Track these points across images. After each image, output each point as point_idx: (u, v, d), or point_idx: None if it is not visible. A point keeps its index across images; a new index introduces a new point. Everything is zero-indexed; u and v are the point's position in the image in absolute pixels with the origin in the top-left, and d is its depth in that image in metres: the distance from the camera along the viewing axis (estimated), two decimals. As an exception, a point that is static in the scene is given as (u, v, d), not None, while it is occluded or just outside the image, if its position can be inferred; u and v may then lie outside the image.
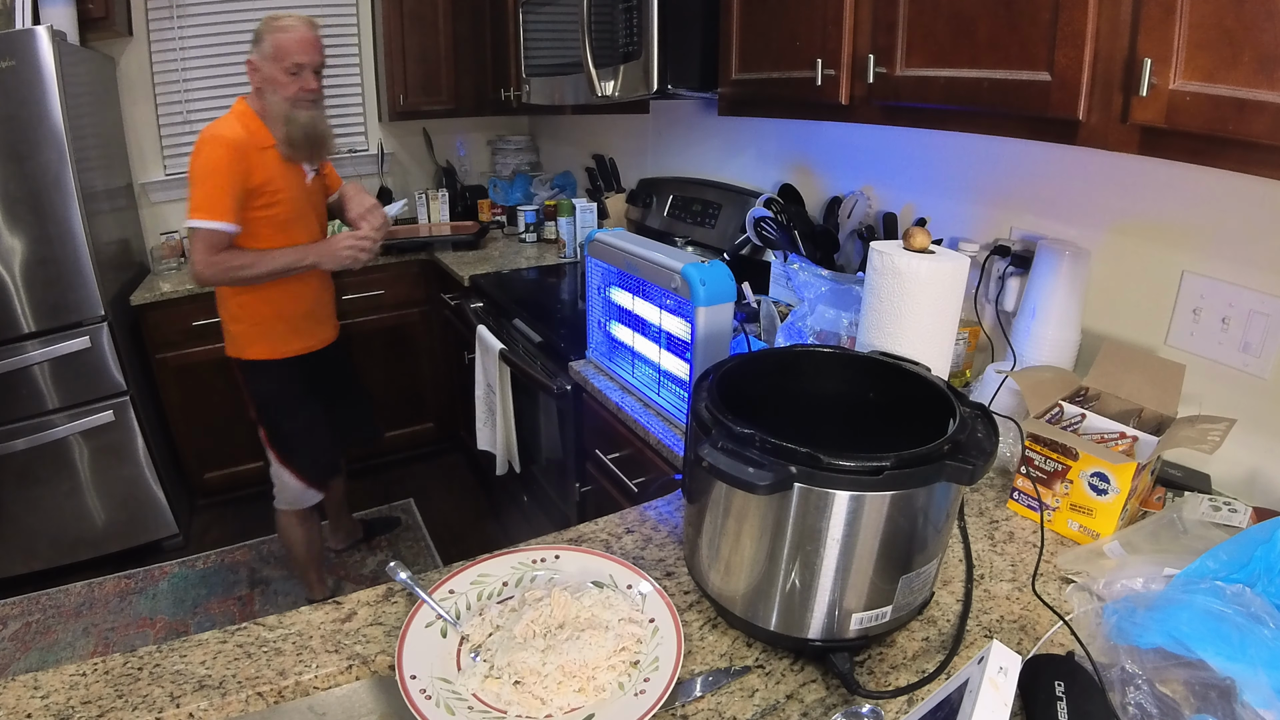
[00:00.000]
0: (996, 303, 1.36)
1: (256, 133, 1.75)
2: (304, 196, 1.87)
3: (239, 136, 1.70)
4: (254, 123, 1.75)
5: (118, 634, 2.22)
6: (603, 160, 2.77)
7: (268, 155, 1.76)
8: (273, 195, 1.77)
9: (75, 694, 0.70)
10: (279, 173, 1.78)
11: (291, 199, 1.82)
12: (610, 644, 0.71)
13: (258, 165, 1.73)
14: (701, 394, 0.77)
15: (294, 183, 1.83)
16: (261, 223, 1.79)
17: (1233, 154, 0.76)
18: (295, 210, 1.84)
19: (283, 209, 1.81)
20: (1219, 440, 0.87)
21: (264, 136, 1.75)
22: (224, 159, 1.68)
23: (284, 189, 1.79)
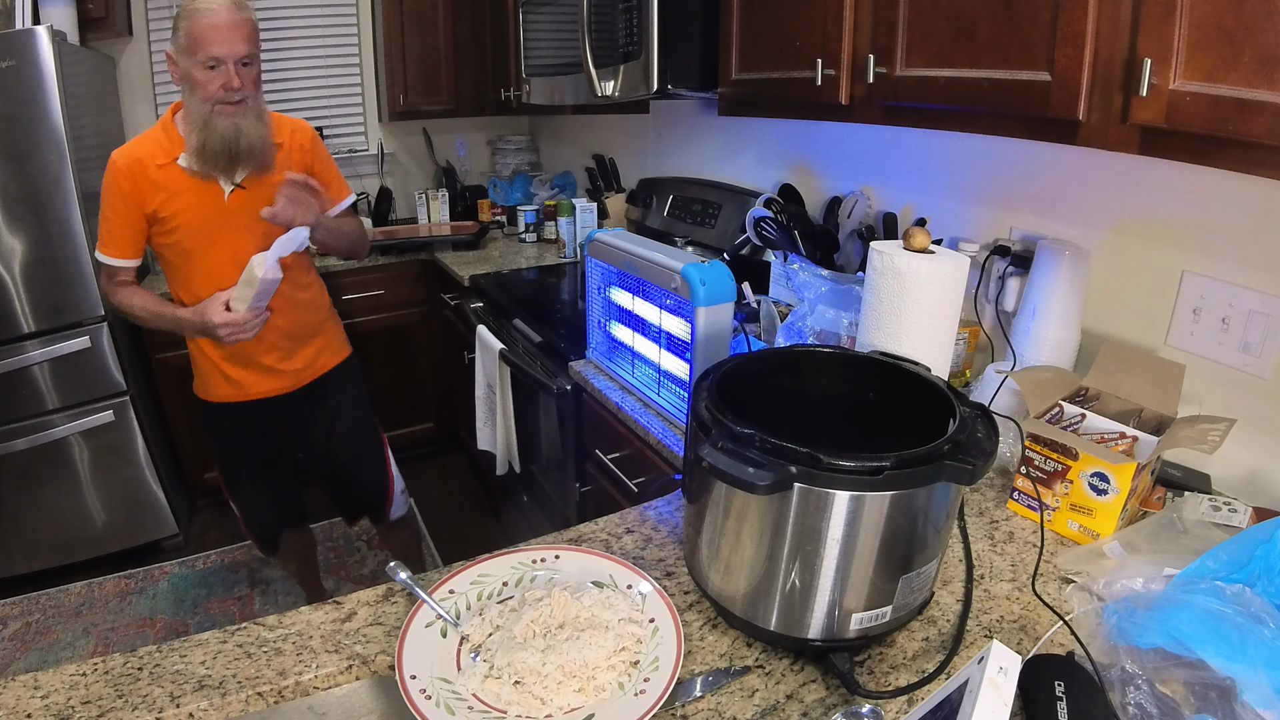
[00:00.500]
0: (996, 303, 1.36)
1: (166, 145, 1.49)
2: (218, 217, 1.53)
3: (131, 156, 1.47)
4: (173, 131, 1.50)
5: (118, 634, 2.22)
6: (603, 160, 2.77)
7: (168, 173, 1.48)
8: (171, 219, 1.51)
9: (75, 694, 0.70)
10: (181, 191, 1.50)
11: (195, 222, 1.52)
12: (610, 644, 0.71)
13: (150, 187, 1.48)
14: (701, 394, 0.77)
15: (201, 202, 1.51)
16: (165, 250, 1.57)
17: (1233, 154, 0.76)
18: (203, 236, 1.53)
19: (184, 235, 1.53)
20: (1219, 440, 0.87)
21: (175, 148, 1.49)
22: (110, 185, 1.48)
23: (185, 211, 1.50)
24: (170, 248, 1.55)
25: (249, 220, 1.53)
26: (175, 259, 1.57)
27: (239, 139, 1.46)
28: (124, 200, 1.48)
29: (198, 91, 1.42)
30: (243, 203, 1.55)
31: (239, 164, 1.49)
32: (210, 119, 1.43)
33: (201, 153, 1.45)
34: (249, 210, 1.53)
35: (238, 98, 1.43)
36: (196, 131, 1.44)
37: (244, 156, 1.48)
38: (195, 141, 1.45)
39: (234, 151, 1.46)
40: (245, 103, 1.45)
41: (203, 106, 1.43)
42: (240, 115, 1.45)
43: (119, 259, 1.54)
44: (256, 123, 1.48)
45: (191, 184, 1.50)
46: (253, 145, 1.48)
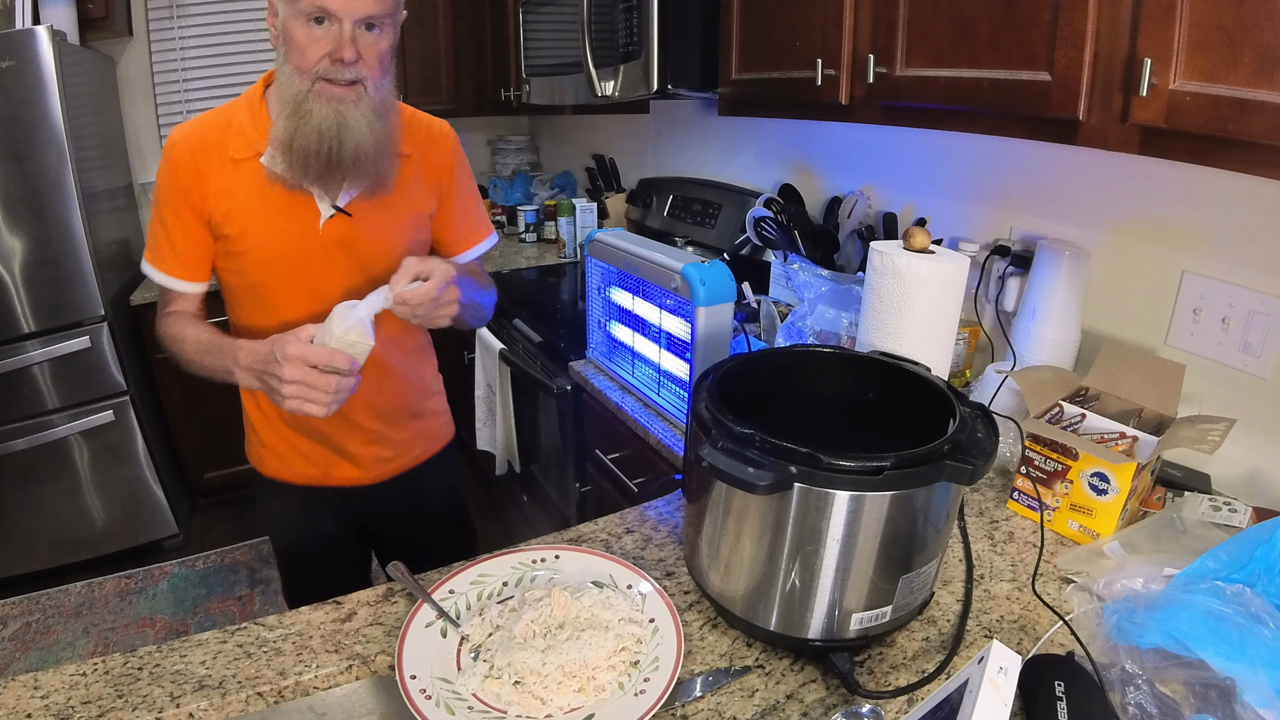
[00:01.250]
0: (996, 303, 1.36)
1: (249, 131, 1.05)
2: (304, 248, 1.08)
3: (196, 140, 1.04)
4: (258, 112, 1.06)
5: (118, 634, 2.22)
6: (603, 160, 2.77)
7: (246, 172, 1.04)
8: (238, 238, 1.06)
9: (75, 694, 0.70)
10: (259, 202, 1.05)
11: (273, 248, 1.07)
12: (610, 644, 0.71)
13: (218, 188, 1.04)
14: (701, 394, 0.77)
15: (285, 222, 1.06)
16: (224, 274, 1.13)
17: (1233, 154, 0.76)
18: (281, 268, 1.09)
19: (254, 263, 1.08)
20: (1219, 440, 0.87)
21: (261, 138, 1.04)
22: (166, 178, 1.05)
23: (260, 230, 1.06)
24: (232, 272, 1.11)
25: (347, 261, 1.10)
26: (241, 296, 1.14)
27: (342, 138, 0.99)
28: (186, 200, 1.05)
29: (293, 57, 0.98)
30: (343, 234, 1.09)
31: (340, 175, 1.02)
32: (306, 101, 0.98)
33: (288, 148, 1.00)
34: (349, 247, 1.10)
35: (350, 76, 0.97)
36: (285, 116, 0.99)
37: (348, 165, 1.01)
38: (281, 131, 1.00)
39: (333, 155, 1.00)
40: (360, 86, 0.99)
41: (298, 80, 0.98)
42: (350, 102, 0.99)
43: (175, 279, 1.09)
44: (374, 119, 1.01)
45: (275, 194, 1.05)
46: (362, 150, 1.01)
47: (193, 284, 1.12)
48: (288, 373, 0.90)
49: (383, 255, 1.13)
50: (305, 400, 0.92)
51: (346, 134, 1.00)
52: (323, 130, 0.99)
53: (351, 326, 0.94)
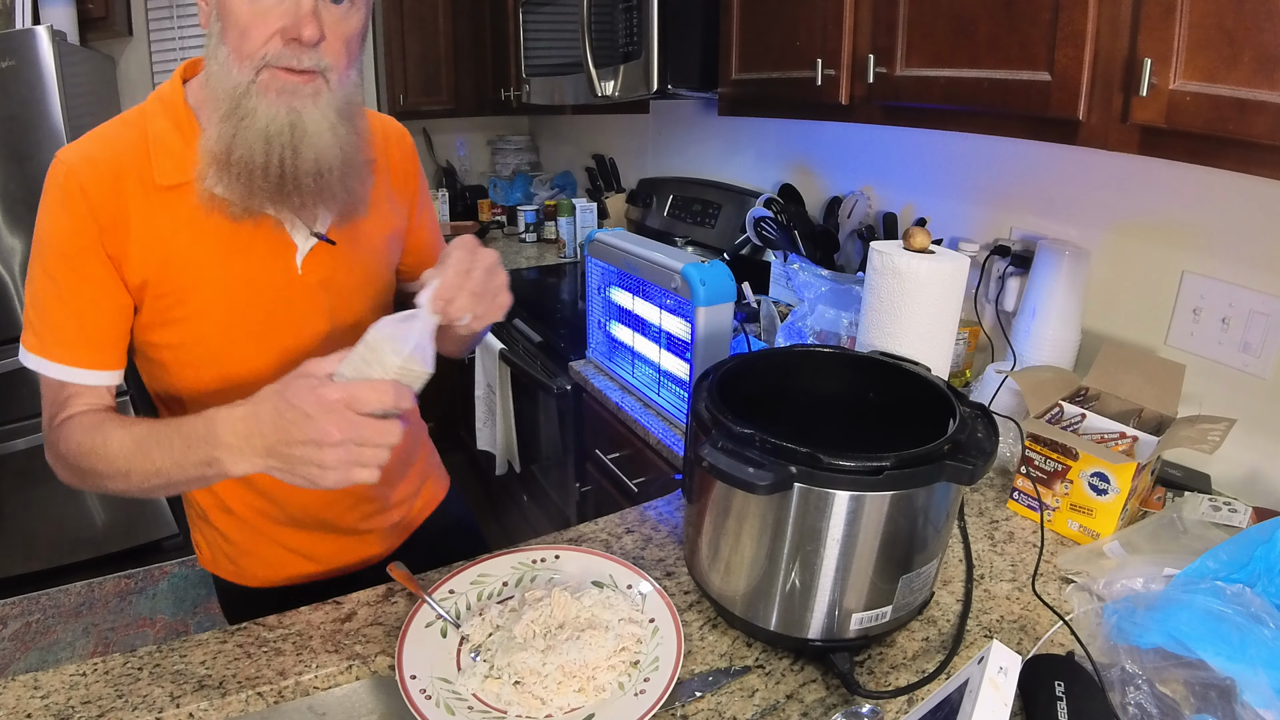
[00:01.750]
0: (996, 303, 1.36)
1: (173, 144, 0.77)
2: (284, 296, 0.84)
3: (106, 160, 0.76)
4: (184, 119, 0.78)
5: (118, 634, 2.22)
6: (603, 160, 2.77)
7: (178, 202, 0.77)
8: (180, 298, 0.79)
9: (75, 694, 0.70)
10: (201, 241, 0.78)
11: (232, 303, 0.81)
12: (610, 644, 0.71)
13: (146, 229, 0.76)
14: (701, 394, 0.77)
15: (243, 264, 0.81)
16: (154, 352, 0.84)
17: (1232, 154, 0.76)
18: (249, 327, 0.83)
19: (202, 326, 0.81)
20: (1219, 440, 0.87)
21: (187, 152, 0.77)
22: (59, 219, 0.76)
23: (210, 281, 0.80)
24: (161, 347, 0.82)
25: (328, 303, 0.87)
26: (168, 361, 0.84)
27: (298, 145, 0.74)
28: (98, 251, 0.75)
29: (231, 37, 0.72)
30: (327, 269, 0.85)
31: (298, 196, 0.77)
32: (248, 96, 0.73)
33: (223, 162, 0.74)
34: (331, 285, 0.86)
35: (308, 62, 0.73)
36: (220, 118, 0.73)
37: (307, 183, 0.76)
38: (215, 138, 0.74)
39: (286, 168, 0.74)
40: (320, 77, 0.75)
41: (236, 69, 0.72)
42: (307, 97, 0.74)
43: (80, 370, 0.78)
44: (338, 121, 0.77)
45: (224, 228, 0.78)
46: (325, 162, 0.76)
47: (107, 373, 0.79)
48: (333, 431, 0.61)
49: (363, 292, 0.90)
50: (355, 464, 0.63)
51: (303, 140, 0.74)
52: (271, 135, 0.73)
53: (415, 350, 0.68)
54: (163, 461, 0.70)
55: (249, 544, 0.97)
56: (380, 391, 0.64)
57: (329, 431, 0.62)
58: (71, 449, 0.75)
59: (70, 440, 0.76)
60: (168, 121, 0.79)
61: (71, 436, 0.76)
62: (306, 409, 0.62)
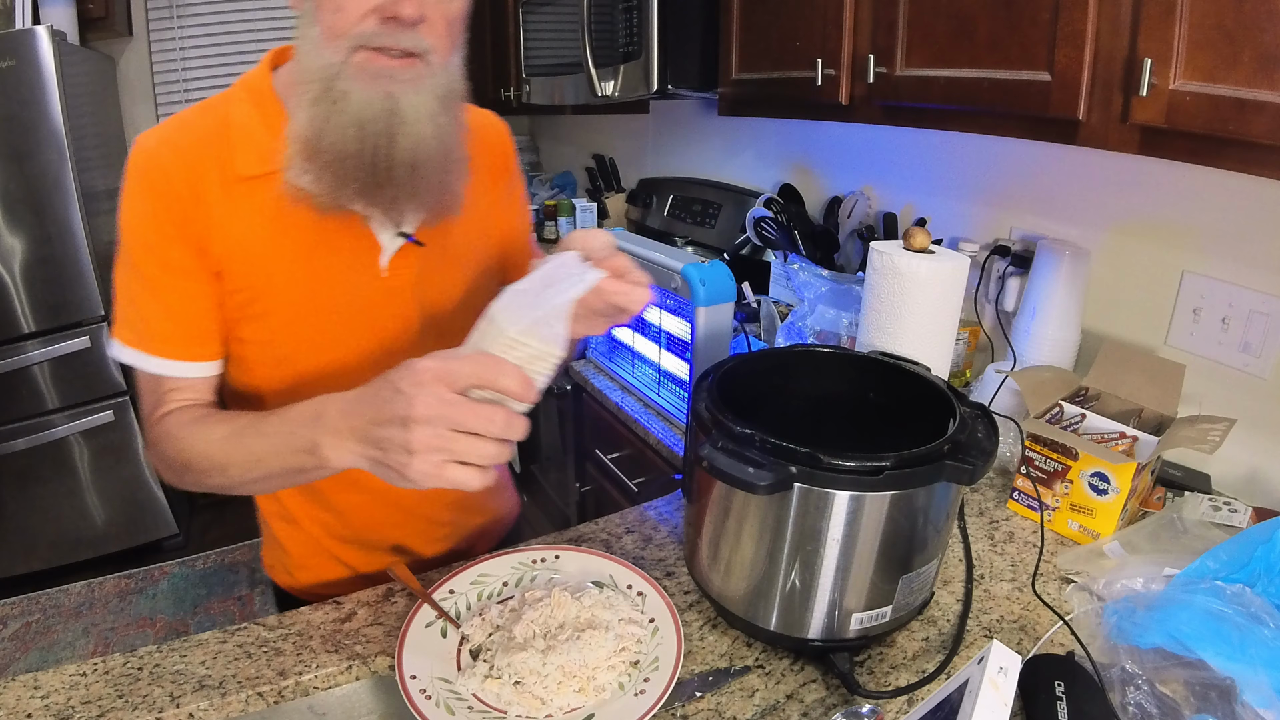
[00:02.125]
0: (996, 303, 1.36)
1: (257, 133, 0.73)
2: (365, 299, 0.80)
3: (187, 147, 0.72)
4: (269, 107, 0.75)
5: (118, 634, 2.22)
6: (603, 160, 2.77)
7: (259, 194, 0.73)
8: (255, 294, 0.76)
9: (75, 694, 0.70)
10: (279, 236, 0.75)
11: (310, 303, 0.78)
12: (610, 644, 0.71)
13: (225, 220, 0.73)
14: (701, 394, 0.77)
15: (322, 262, 0.77)
16: (235, 349, 0.80)
17: (1232, 154, 0.76)
18: (325, 331, 0.79)
19: (279, 326, 0.78)
20: (1219, 440, 0.87)
21: (271, 142, 0.72)
22: (140, 208, 0.72)
23: (286, 279, 0.76)
24: (245, 342, 0.79)
25: (415, 311, 0.82)
26: (251, 360, 0.80)
27: (395, 134, 0.69)
28: (183, 239, 0.72)
29: (324, 16, 0.67)
30: (412, 273, 0.81)
31: (393, 189, 0.71)
32: (339, 78, 0.67)
33: (313, 151, 0.69)
34: (419, 291, 0.82)
35: (408, 44, 0.67)
36: (309, 102, 0.69)
37: (402, 176, 0.71)
38: (304, 124, 0.69)
39: (381, 159, 0.69)
40: (421, 60, 0.69)
41: (328, 49, 0.67)
42: (406, 82, 0.69)
43: (177, 362, 0.75)
44: (439, 111, 0.72)
45: (307, 222, 0.74)
46: (423, 154, 0.71)
47: (203, 364, 0.76)
48: (422, 405, 0.53)
49: (452, 300, 0.84)
50: (449, 457, 0.54)
51: (401, 128, 0.68)
52: (365, 121, 0.67)
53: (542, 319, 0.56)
54: (261, 448, 0.66)
55: (305, 558, 0.94)
56: (478, 364, 0.55)
57: (414, 404, 0.53)
58: (171, 445, 0.72)
59: (169, 435, 0.73)
60: (252, 109, 0.74)
61: (170, 432, 0.73)
62: (399, 382, 0.55)
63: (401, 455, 0.55)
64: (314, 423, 0.62)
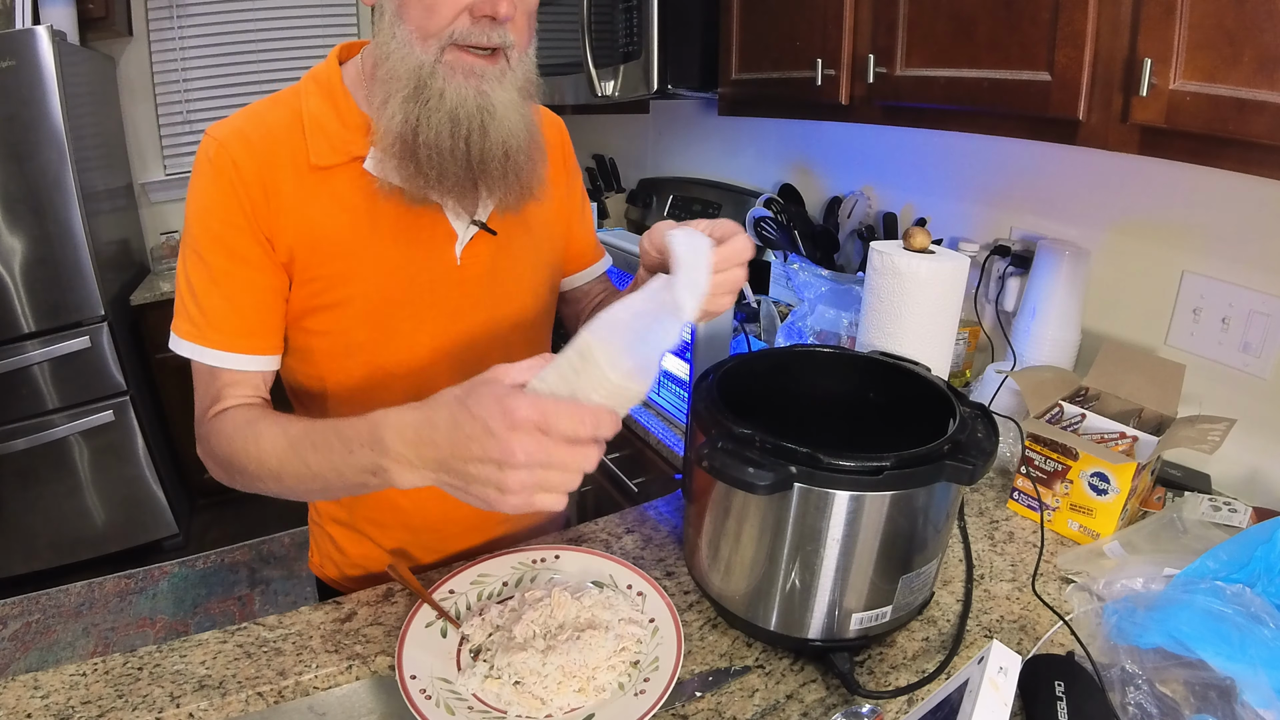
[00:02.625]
0: (996, 303, 1.36)
1: (335, 126, 0.75)
2: (440, 287, 0.81)
3: (260, 138, 0.73)
4: (342, 101, 0.76)
5: (118, 634, 2.22)
6: (603, 160, 2.77)
7: (334, 183, 0.75)
8: (333, 283, 0.77)
9: (75, 694, 0.70)
10: (357, 225, 0.76)
11: (388, 291, 0.78)
12: (610, 644, 0.71)
13: (298, 210, 0.74)
14: (701, 394, 0.77)
15: (400, 251, 0.78)
16: (307, 340, 0.80)
17: (1232, 154, 0.76)
18: (400, 318, 0.80)
19: (356, 314, 0.78)
20: (1219, 440, 0.87)
21: (353, 135, 0.75)
22: (210, 197, 0.73)
23: (365, 267, 0.77)
24: (317, 333, 0.79)
25: (486, 298, 0.84)
26: (319, 351, 0.81)
27: (487, 128, 0.72)
28: (252, 229, 0.73)
29: (413, 15, 0.68)
30: (485, 261, 0.82)
31: (486, 181, 0.74)
32: (433, 77, 0.69)
33: (409, 146, 0.71)
34: (490, 279, 0.83)
35: (496, 39, 0.70)
36: (403, 99, 0.70)
37: (494, 167, 0.74)
38: (399, 120, 0.70)
39: (473, 152, 0.72)
40: (504, 56, 0.72)
41: (419, 48, 0.69)
42: (494, 79, 0.72)
43: (234, 355, 0.75)
44: (522, 102, 0.76)
45: (388, 213, 0.76)
46: (514, 144, 0.75)
47: (262, 358, 0.76)
48: (518, 452, 0.52)
49: (527, 285, 0.86)
50: (540, 489, 0.54)
51: (493, 123, 0.72)
52: (459, 118, 0.70)
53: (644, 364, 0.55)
54: (319, 465, 0.64)
55: (360, 558, 0.95)
56: (583, 417, 0.53)
57: (513, 452, 0.52)
58: (222, 446, 0.71)
59: (221, 435, 0.72)
60: (323, 102, 0.76)
61: (222, 431, 0.72)
62: (490, 422, 0.52)
63: (492, 492, 0.54)
64: (373, 445, 0.59)
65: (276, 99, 0.78)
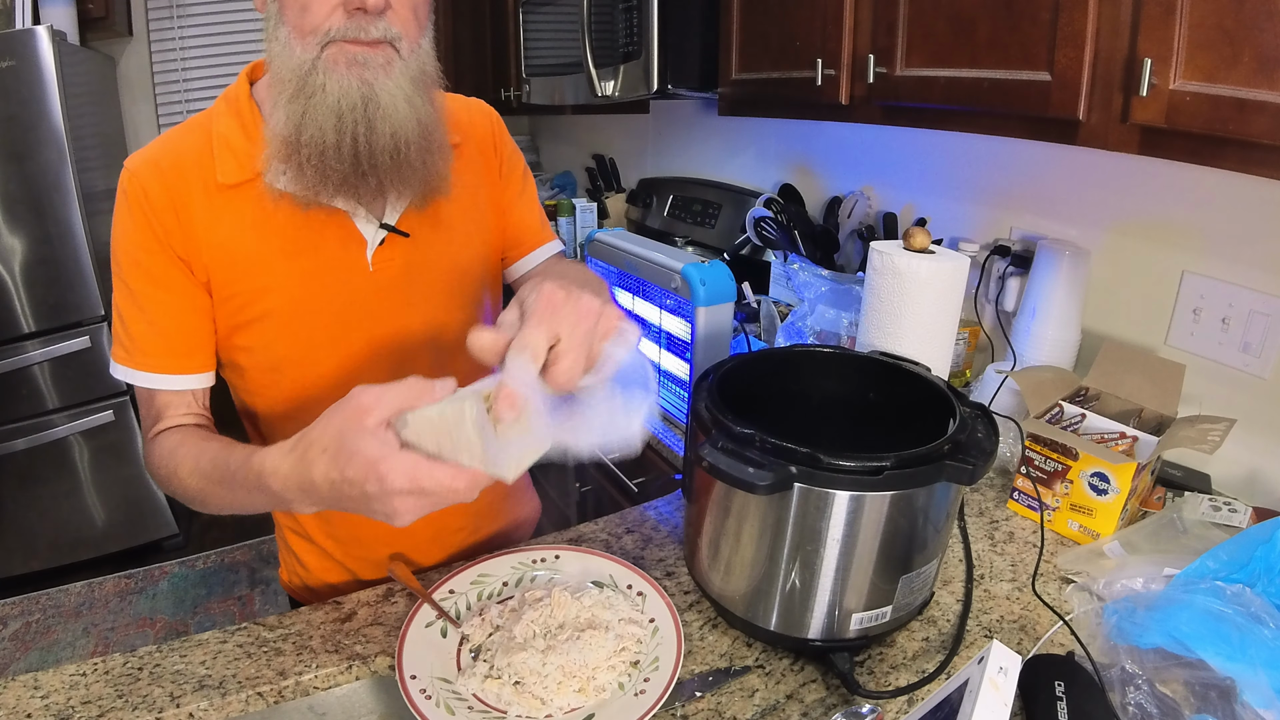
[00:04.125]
0: (996, 303, 1.36)
1: (239, 141, 0.75)
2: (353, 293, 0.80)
3: (168, 163, 0.74)
4: (249, 116, 0.76)
5: (118, 634, 2.22)
6: (603, 160, 2.77)
7: (241, 200, 0.75)
8: (249, 297, 0.77)
9: (75, 694, 0.70)
10: (265, 238, 0.76)
11: (302, 301, 0.79)
12: (610, 644, 0.71)
13: (210, 229, 0.75)
14: (701, 394, 0.77)
15: (309, 260, 0.78)
16: (237, 358, 0.82)
17: (1232, 154, 0.76)
18: (318, 328, 0.80)
19: (275, 328, 0.79)
20: (1219, 440, 0.87)
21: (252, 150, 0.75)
22: (125, 225, 0.75)
23: (276, 279, 0.77)
24: (244, 350, 0.81)
25: (403, 301, 0.83)
26: (251, 369, 0.83)
27: (373, 120, 0.70)
28: (165, 251, 0.74)
29: (290, 15, 0.68)
30: (400, 264, 0.82)
31: (377, 178, 0.73)
32: (314, 73, 0.69)
33: (293, 146, 0.70)
34: (407, 281, 0.82)
35: (377, 31, 0.69)
36: (286, 100, 0.70)
37: (384, 161, 0.72)
38: (283, 121, 0.70)
39: (361, 147, 0.71)
40: (390, 46, 0.71)
41: (299, 47, 0.69)
42: (379, 68, 0.70)
43: (163, 376, 0.77)
44: (413, 92, 0.73)
45: (289, 221, 0.75)
46: (403, 136, 0.72)
47: (192, 376, 0.78)
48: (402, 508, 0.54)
49: (447, 287, 0.85)
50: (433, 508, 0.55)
51: (379, 114, 0.69)
52: (343, 110, 0.68)
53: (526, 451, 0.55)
54: (231, 498, 0.68)
55: (321, 572, 0.97)
56: (455, 481, 0.52)
57: (395, 509, 0.54)
58: (158, 467, 0.75)
59: (157, 457, 0.76)
60: (232, 119, 0.77)
61: (158, 454, 0.76)
62: (365, 487, 0.52)
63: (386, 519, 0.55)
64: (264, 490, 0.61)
65: (191, 123, 0.79)
